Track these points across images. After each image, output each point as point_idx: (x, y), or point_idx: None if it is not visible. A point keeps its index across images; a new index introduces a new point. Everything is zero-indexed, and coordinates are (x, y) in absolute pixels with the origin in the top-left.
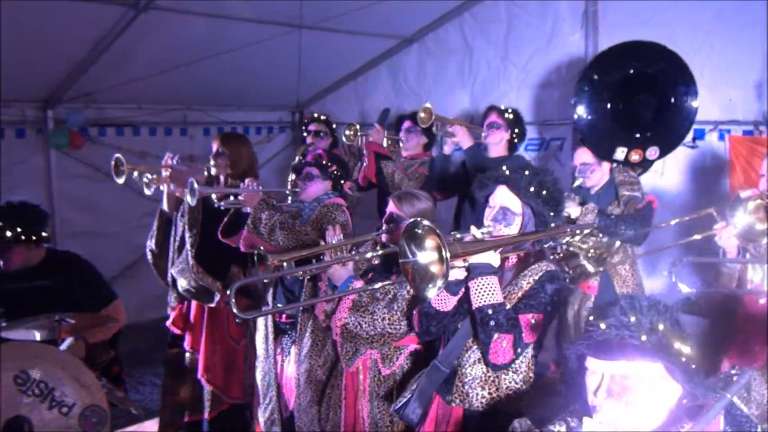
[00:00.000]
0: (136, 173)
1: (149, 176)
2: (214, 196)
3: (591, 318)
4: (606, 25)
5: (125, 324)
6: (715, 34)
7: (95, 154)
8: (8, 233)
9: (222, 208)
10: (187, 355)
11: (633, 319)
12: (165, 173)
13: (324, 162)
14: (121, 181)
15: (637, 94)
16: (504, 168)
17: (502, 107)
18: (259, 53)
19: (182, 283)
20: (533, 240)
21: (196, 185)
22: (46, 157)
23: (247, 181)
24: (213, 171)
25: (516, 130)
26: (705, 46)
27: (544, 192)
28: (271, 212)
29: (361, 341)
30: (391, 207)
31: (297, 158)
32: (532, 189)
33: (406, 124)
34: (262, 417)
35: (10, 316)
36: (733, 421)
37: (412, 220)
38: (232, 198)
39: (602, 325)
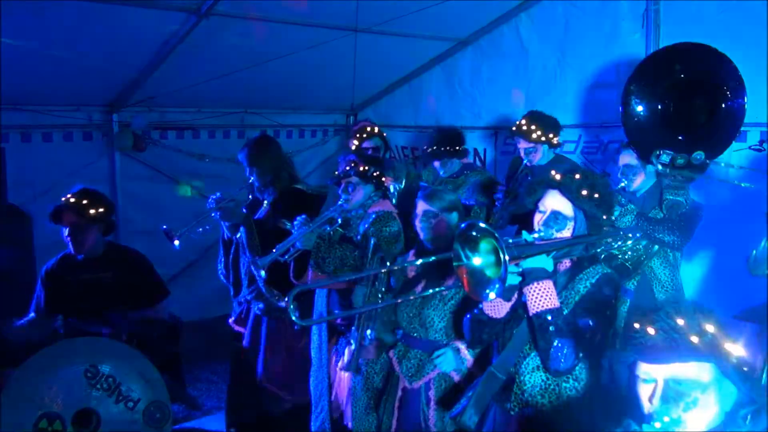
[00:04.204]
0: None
1: (202, 229)
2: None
3: (636, 325)
4: (668, 23)
5: (184, 321)
6: None
7: (157, 157)
8: (91, 211)
9: (287, 260)
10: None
11: (681, 321)
12: (216, 216)
13: (360, 168)
14: (177, 242)
15: (688, 97)
16: (553, 172)
17: (523, 126)
18: (315, 57)
19: (259, 306)
20: (583, 243)
21: (258, 261)
22: (111, 159)
23: (295, 223)
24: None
25: (550, 134)
26: None
27: (596, 195)
28: (329, 249)
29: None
30: (423, 206)
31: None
32: (584, 192)
33: (437, 164)
34: (313, 425)
35: (73, 305)
36: None
37: (468, 222)
38: (291, 250)
39: (650, 330)
